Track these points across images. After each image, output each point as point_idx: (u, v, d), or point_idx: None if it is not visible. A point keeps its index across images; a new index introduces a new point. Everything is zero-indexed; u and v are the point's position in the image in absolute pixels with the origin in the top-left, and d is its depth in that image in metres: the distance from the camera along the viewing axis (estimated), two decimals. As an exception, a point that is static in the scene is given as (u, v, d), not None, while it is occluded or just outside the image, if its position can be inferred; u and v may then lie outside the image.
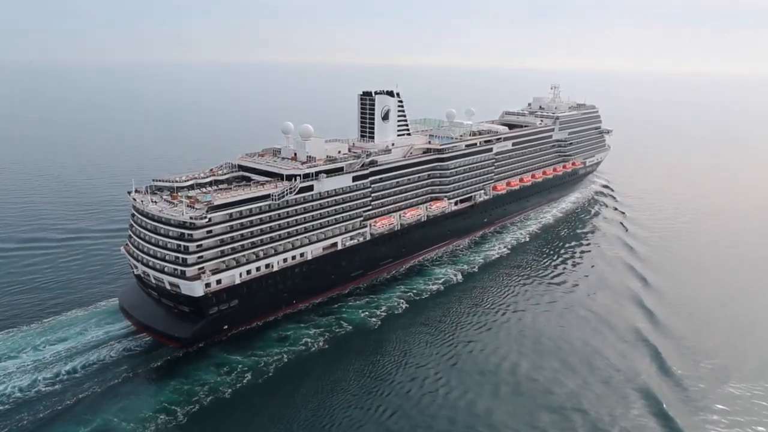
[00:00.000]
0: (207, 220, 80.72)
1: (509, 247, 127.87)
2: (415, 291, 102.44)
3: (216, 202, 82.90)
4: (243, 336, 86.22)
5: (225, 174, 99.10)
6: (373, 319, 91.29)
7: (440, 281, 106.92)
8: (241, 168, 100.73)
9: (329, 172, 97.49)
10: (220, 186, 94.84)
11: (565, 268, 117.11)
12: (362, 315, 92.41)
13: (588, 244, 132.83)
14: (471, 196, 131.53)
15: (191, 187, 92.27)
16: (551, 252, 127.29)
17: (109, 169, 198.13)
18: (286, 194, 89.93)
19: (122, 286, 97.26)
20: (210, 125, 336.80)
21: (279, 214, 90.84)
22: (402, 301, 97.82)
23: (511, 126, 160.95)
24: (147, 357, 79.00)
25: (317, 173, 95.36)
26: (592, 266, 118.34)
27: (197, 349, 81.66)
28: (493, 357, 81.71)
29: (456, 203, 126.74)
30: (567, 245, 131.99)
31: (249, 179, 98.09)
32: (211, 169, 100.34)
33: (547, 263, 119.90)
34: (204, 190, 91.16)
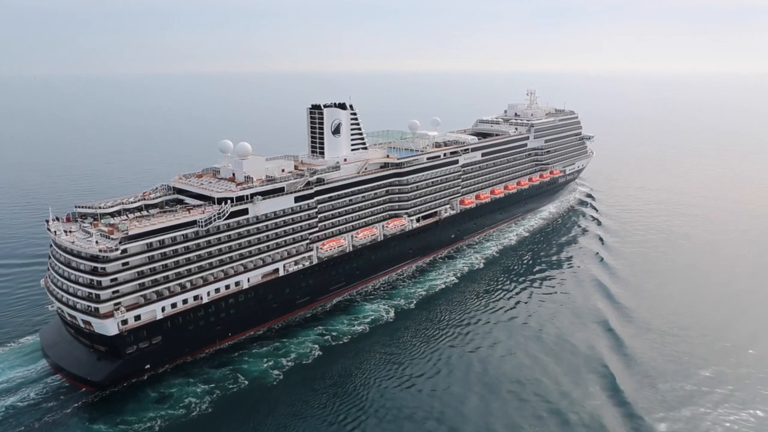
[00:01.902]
0: (120, 251, 74.03)
1: (459, 275, 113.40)
2: (334, 333, 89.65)
3: (132, 232, 76.19)
4: (118, 396, 73.86)
5: (158, 197, 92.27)
6: (276, 372, 78.67)
7: (367, 320, 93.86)
8: (176, 190, 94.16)
9: (267, 194, 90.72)
10: (151, 211, 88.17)
11: (528, 301, 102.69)
12: (265, 365, 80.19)
13: (558, 269, 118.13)
14: (435, 212, 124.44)
15: (118, 213, 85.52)
16: (511, 280, 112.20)
17: (52, 190, 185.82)
18: (214, 220, 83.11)
19: (47, 322, 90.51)
20: (178, 139, 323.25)
21: (209, 241, 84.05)
22: (316, 346, 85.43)
23: (484, 135, 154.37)
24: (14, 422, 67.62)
25: (252, 195, 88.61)
26: (561, 302, 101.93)
27: (58, 417, 68.96)
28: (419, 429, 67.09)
29: (418, 220, 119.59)
30: (532, 271, 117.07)
31: (183, 202, 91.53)
32: (144, 193, 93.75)
33: (503, 295, 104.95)
34: (128, 216, 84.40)
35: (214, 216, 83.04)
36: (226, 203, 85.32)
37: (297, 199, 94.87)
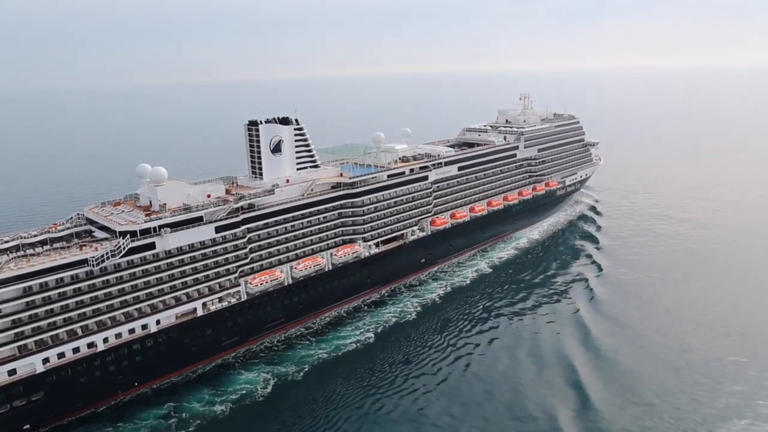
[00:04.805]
0: (-14, 298, 65.12)
1: (380, 330, 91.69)
2: (184, 415, 71.25)
3: (2, 276, 67.12)
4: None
5: (67, 229, 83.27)
6: None
7: (234, 396, 74.97)
8: (89, 221, 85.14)
9: (180, 224, 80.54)
10: (55, 245, 79.19)
11: (473, 378, 77.51)
12: None
13: (530, 322, 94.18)
14: (401, 235, 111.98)
15: (16, 249, 76.86)
16: (447, 339, 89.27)
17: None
18: (108, 257, 73.28)
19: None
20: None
21: (106, 281, 74.40)
22: None
23: (470, 145, 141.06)
24: None
25: (160, 227, 78.55)
26: (523, 382, 76.05)
27: None
28: None
29: (377, 245, 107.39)
30: (486, 325, 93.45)
31: (92, 235, 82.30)
32: (54, 224, 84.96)
33: (433, 362, 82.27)
34: (25, 252, 75.38)
35: (108, 253, 73.25)
36: (126, 237, 75.56)
37: (219, 229, 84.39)
